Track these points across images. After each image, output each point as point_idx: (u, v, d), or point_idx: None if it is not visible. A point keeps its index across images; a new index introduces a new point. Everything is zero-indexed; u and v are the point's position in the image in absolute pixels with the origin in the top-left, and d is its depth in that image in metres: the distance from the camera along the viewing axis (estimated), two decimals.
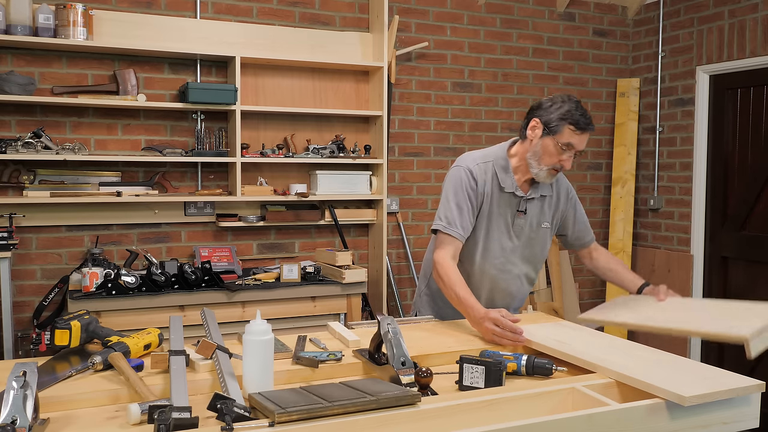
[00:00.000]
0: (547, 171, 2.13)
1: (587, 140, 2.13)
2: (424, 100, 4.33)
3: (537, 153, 2.13)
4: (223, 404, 1.23)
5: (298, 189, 3.80)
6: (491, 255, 2.24)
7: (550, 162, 2.11)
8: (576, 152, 2.11)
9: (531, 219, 2.24)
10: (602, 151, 4.90)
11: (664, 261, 4.62)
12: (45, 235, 3.48)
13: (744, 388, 1.43)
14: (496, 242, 2.24)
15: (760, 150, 4.09)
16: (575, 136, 2.07)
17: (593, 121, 2.12)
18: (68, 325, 1.68)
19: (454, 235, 2.15)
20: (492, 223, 2.23)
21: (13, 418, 1.18)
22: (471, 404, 1.35)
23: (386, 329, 1.59)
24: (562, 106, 2.10)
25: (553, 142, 2.09)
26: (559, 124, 2.08)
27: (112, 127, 3.58)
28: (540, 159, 2.12)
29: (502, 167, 2.20)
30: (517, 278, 2.30)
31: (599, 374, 1.58)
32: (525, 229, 2.25)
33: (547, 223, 2.28)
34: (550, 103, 2.13)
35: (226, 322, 3.18)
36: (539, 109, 2.15)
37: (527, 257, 2.30)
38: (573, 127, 2.06)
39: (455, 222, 2.15)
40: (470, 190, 2.17)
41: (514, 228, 2.24)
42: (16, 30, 3.17)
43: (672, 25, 4.60)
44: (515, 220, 2.23)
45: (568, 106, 2.09)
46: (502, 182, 2.19)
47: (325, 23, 4.02)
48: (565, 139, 2.08)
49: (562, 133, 2.08)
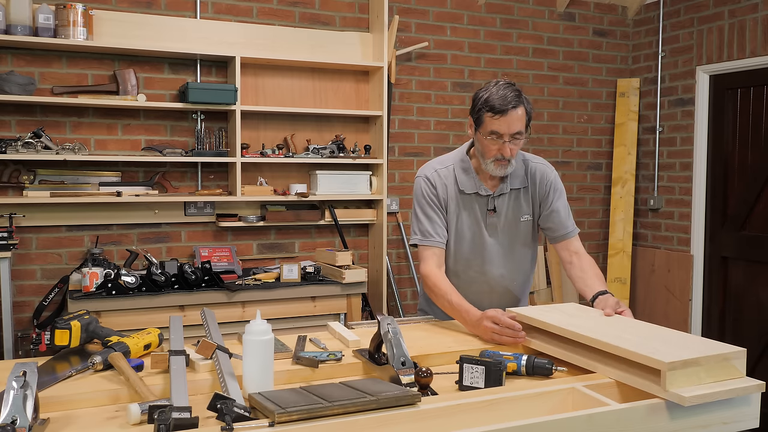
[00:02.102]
0: (492, 163, 2.07)
1: (520, 119, 2.01)
2: (424, 100, 4.33)
3: (479, 149, 2.11)
4: (223, 404, 1.23)
5: (298, 189, 3.80)
6: (464, 258, 2.21)
7: (491, 154, 2.05)
8: (513, 135, 2.01)
9: (506, 215, 2.19)
10: (602, 151, 4.90)
11: (664, 261, 4.62)
12: (45, 235, 3.48)
13: (744, 388, 1.43)
14: (468, 245, 2.20)
15: (760, 150, 4.09)
16: (495, 121, 2.00)
17: (594, 120, 2.09)
18: (68, 325, 1.68)
19: (433, 245, 2.15)
20: (462, 226, 2.19)
21: (13, 418, 1.18)
22: (471, 404, 1.35)
23: (386, 329, 1.59)
24: (483, 95, 2.04)
25: (481, 135, 2.05)
26: (480, 116, 2.04)
27: (112, 127, 3.58)
28: (483, 154, 2.09)
29: (463, 169, 2.18)
30: (501, 278, 2.24)
31: (599, 374, 1.58)
32: (500, 226, 2.20)
33: (527, 216, 2.21)
34: (476, 95, 2.08)
35: (226, 322, 3.18)
36: (471, 108, 2.12)
37: (510, 255, 2.23)
38: (490, 113, 2.00)
39: (428, 231, 2.15)
40: (432, 197, 2.17)
41: (488, 228, 2.19)
42: (16, 30, 3.17)
43: (672, 25, 4.60)
44: (487, 219, 2.19)
45: (487, 93, 2.03)
46: (461, 185, 2.16)
47: (325, 23, 4.02)
48: (487, 128, 2.03)
49: (484, 124, 2.03)
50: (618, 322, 1.79)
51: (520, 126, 2.02)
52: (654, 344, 1.51)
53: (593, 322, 1.77)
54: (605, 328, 1.69)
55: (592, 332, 1.63)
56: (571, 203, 4.88)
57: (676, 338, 1.59)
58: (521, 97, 2.03)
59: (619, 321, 1.80)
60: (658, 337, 1.59)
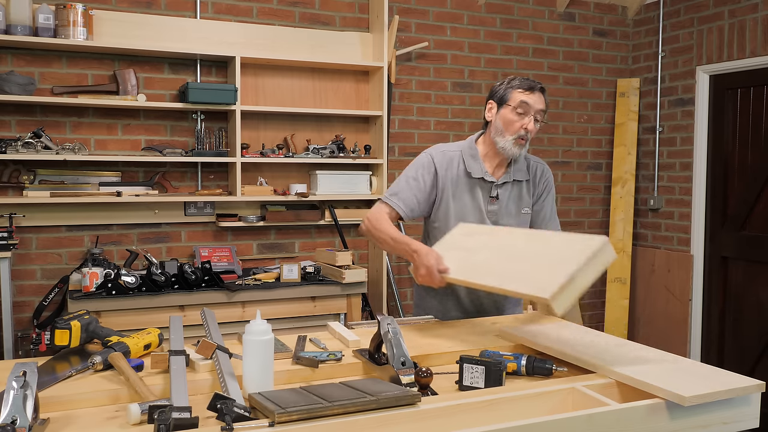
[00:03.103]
0: (513, 141, 2.17)
1: (543, 101, 2.17)
2: (424, 100, 4.33)
3: (499, 128, 2.19)
4: (223, 404, 1.23)
5: (298, 189, 3.80)
6: None
7: (513, 130, 2.16)
8: (536, 113, 2.15)
9: (507, 205, 2.25)
10: (602, 151, 4.90)
11: (664, 261, 4.62)
12: (45, 235, 3.48)
13: (744, 388, 1.43)
14: None
15: (760, 150, 4.09)
16: (526, 95, 2.15)
17: (594, 120, 2.13)
18: (68, 325, 1.68)
19: (394, 206, 2.21)
20: (465, 209, 2.24)
21: (13, 418, 1.18)
22: (471, 404, 1.35)
23: (386, 329, 1.59)
24: (507, 81, 2.22)
25: (509, 108, 2.17)
26: (507, 92, 2.18)
27: (112, 127, 3.58)
28: (503, 132, 2.18)
29: (470, 155, 2.26)
30: None
31: (599, 374, 1.58)
32: (501, 215, 2.25)
33: (527, 209, 2.29)
34: (499, 83, 2.25)
35: (226, 322, 3.18)
36: (490, 95, 2.27)
37: None
38: (521, 89, 2.16)
39: (399, 196, 2.22)
40: (426, 175, 2.23)
41: (489, 215, 2.24)
42: (16, 30, 3.17)
43: (672, 25, 4.60)
44: (488, 206, 2.24)
45: (511, 80, 2.21)
46: (468, 168, 2.23)
47: (325, 23, 4.02)
48: (517, 101, 2.15)
49: (513, 98, 2.16)
50: (508, 238, 1.96)
51: (543, 106, 2.17)
52: (538, 277, 1.66)
53: (488, 252, 1.92)
54: (497, 264, 1.85)
55: (485, 279, 1.81)
56: (571, 203, 4.91)
57: (553, 253, 1.74)
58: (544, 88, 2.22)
59: (508, 237, 1.98)
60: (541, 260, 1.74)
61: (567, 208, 4.82)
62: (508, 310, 2.36)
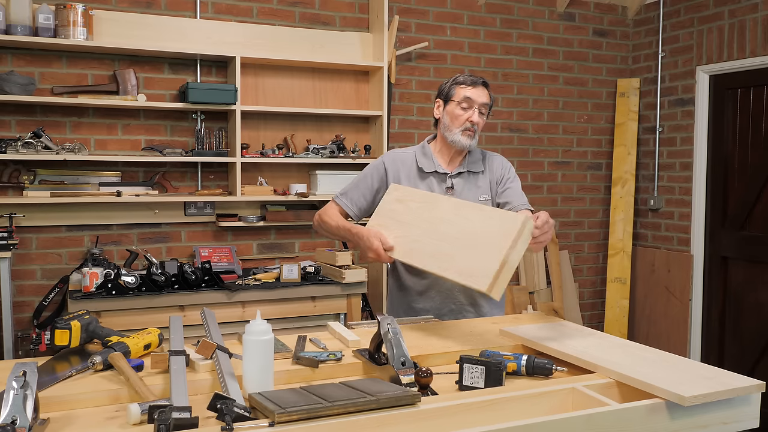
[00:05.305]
0: (460, 132, 2.28)
1: (487, 95, 2.29)
2: (424, 100, 4.33)
3: (446, 123, 2.31)
4: (223, 404, 1.23)
5: (298, 189, 3.80)
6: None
7: (459, 123, 2.28)
8: (480, 106, 2.27)
9: (463, 193, 2.32)
10: (602, 151, 4.90)
11: (664, 261, 4.62)
12: (45, 235, 3.48)
13: (744, 388, 1.43)
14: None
15: (760, 150, 4.10)
16: (469, 90, 2.28)
17: (594, 120, 2.14)
18: (68, 325, 1.68)
19: (343, 206, 2.37)
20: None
21: (13, 418, 1.18)
22: (471, 404, 1.35)
23: (386, 329, 1.59)
24: (452, 79, 2.34)
25: (454, 104, 2.29)
26: (452, 89, 2.31)
27: (112, 127, 3.58)
28: (450, 126, 2.30)
29: (423, 154, 2.38)
30: None
31: (599, 374, 1.58)
32: None
33: (485, 196, 2.36)
34: (444, 82, 2.37)
35: (226, 322, 3.18)
36: (437, 94, 2.38)
37: None
38: (464, 84, 2.29)
39: (349, 196, 2.38)
40: (375, 173, 2.37)
41: None
42: (16, 30, 3.18)
43: (672, 25, 4.60)
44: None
45: (456, 77, 2.33)
46: (420, 164, 2.35)
47: (325, 23, 4.02)
48: (460, 96, 2.28)
49: (457, 94, 2.29)
50: (441, 220, 2.01)
51: (487, 100, 2.30)
52: (473, 265, 1.80)
53: (422, 226, 2.02)
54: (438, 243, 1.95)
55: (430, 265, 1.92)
56: (571, 203, 4.91)
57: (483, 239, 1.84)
58: (487, 83, 2.35)
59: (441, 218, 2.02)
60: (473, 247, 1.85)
61: (567, 208, 4.82)
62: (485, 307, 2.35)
